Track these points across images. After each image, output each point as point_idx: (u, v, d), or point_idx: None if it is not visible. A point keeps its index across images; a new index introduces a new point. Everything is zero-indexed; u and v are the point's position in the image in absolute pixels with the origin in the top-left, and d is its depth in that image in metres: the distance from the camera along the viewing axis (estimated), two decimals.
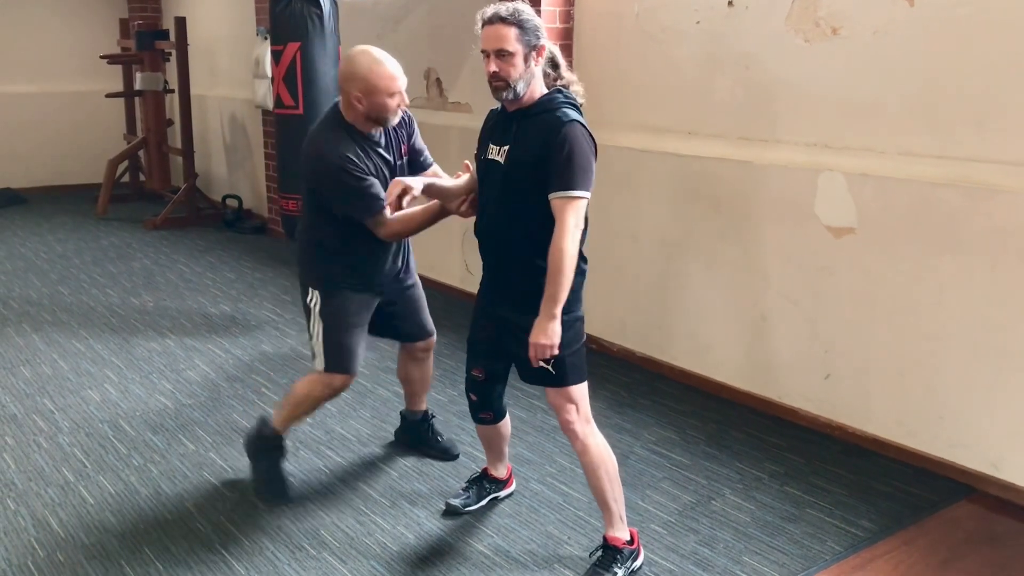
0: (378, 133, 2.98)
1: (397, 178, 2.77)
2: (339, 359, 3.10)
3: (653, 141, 4.38)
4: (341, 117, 2.94)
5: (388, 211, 2.84)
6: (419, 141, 3.15)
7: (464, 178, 2.88)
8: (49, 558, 2.83)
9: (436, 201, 2.90)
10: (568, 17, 4.70)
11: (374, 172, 2.92)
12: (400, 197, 2.69)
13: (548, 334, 2.46)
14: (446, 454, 3.52)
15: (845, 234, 3.61)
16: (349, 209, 2.92)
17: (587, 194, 2.47)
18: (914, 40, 3.35)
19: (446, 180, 2.96)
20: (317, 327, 3.09)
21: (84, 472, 3.39)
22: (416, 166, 3.12)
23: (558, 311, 2.46)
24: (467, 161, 2.89)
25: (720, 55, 4.03)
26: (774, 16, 3.79)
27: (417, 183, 2.74)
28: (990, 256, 3.18)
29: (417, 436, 3.58)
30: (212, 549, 2.88)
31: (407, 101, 2.95)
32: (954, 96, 3.26)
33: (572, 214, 2.44)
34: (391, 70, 2.87)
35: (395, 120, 2.95)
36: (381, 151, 2.98)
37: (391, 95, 2.87)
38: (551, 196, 2.46)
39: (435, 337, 3.44)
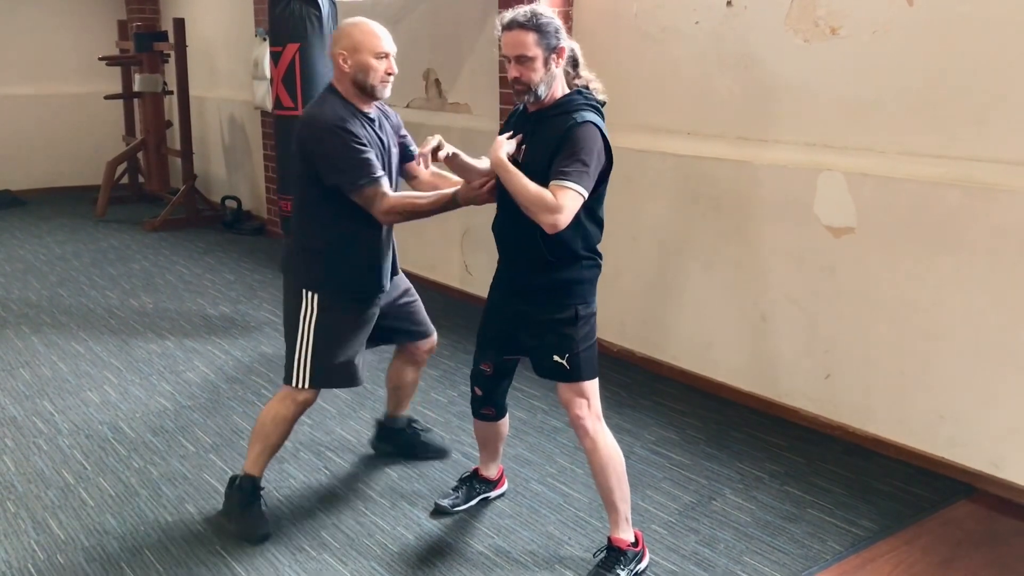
0: (373, 111, 2.86)
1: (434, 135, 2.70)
2: (329, 375, 2.93)
3: (652, 141, 4.37)
4: (335, 91, 2.83)
5: (420, 164, 2.78)
6: (405, 133, 3.08)
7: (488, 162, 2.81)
8: (49, 560, 2.83)
9: (447, 190, 2.79)
10: (567, 17, 4.69)
11: (369, 144, 2.76)
12: (436, 149, 2.66)
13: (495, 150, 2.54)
14: (441, 452, 3.50)
15: (845, 234, 3.61)
16: (341, 177, 2.70)
17: (582, 190, 2.44)
18: (913, 39, 3.35)
19: (471, 159, 2.85)
20: (306, 339, 2.88)
21: (84, 474, 3.38)
22: (405, 156, 3.03)
23: (505, 165, 2.50)
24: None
25: (719, 55, 4.03)
26: (773, 16, 3.79)
27: (449, 146, 2.69)
28: (990, 255, 3.18)
29: (406, 442, 3.50)
30: (212, 551, 2.88)
31: (395, 70, 2.83)
32: (953, 95, 3.26)
33: (566, 200, 2.41)
34: (376, 30, 2.80)
35: (384, 91, 2.82)
36: (376, 129, 2.85)
37: (376, 55, 2.77)
38: (551, 184, 2.44)
39: (436, 337, 3.35)
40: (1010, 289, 3.15)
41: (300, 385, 2.92)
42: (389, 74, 2.82)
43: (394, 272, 3.10)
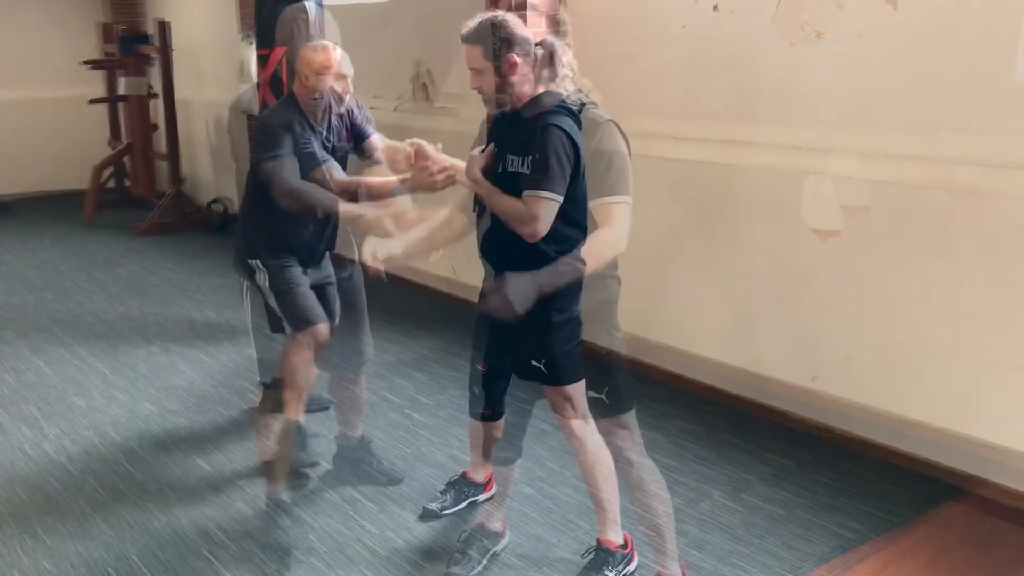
0: (322, 122, 3.09)
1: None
2: (303, 316, 3.09)
3: (639, 145, 4.33)
4: (294, 98, 3.08)
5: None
6: (361, 121, 3.23)
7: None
8: (35, 567, 2.81)
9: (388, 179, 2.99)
10: (555, 21, 4.69)
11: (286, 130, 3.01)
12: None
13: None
14: (390, 478, 3.37)
15: (831, 236, 3.62)
16: (262, 160, 2.97)
17: (554, 196, 2.45)
18: (898, 43, 3.37)
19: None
20: (269, 294, 3.11)
21: (70, 480, 3.36)
22: (359, 137, 3.21)
23: (479, 181, 2.54)
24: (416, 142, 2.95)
25: (706, 59, 4.04)
26: (759, 20, 3.80)
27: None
28: (976, 257, 3.20)
29: (354, 463, 3.41)
30: (200, 556, 2.87)
31: (350, 89, 3.07)
32: (939, 98, 3.28)
33: (539, 208, 2.43)
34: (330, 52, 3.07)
35: (338, 107, 3.07)
36: (323, 135, 3.09)
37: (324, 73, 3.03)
38: (523, 195, 2.46)
39: (366, 365, 3.41)
40: (998, 291, 3.16)
41: (288, 332, 3.10)
42: (344, 92, 3.07)
43: (330, 248, 3.26)
